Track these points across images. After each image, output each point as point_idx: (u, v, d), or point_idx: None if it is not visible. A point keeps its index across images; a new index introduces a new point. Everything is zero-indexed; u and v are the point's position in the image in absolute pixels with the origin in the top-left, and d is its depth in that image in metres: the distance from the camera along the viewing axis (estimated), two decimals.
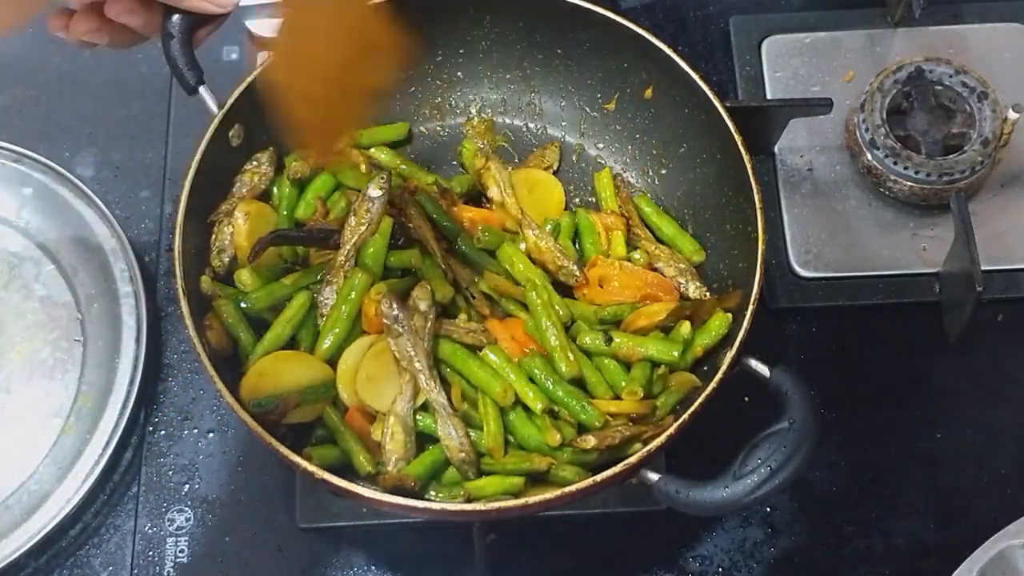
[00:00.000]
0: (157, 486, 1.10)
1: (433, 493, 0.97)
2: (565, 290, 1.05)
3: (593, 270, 1.06)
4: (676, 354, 0.98)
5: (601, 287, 1.05)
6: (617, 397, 0.99)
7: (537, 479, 0.97)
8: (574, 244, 1.09)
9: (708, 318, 1.00)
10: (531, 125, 1.17)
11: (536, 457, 0.96)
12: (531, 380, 0.98)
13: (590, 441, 0.94)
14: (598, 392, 0.99)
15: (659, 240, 1.10)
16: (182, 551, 1.07)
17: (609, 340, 1.00)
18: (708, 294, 1.05)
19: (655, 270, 1.07)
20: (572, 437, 0.96)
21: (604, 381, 0.99)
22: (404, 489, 0.94)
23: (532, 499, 0.89)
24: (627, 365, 1.00)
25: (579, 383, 0.99)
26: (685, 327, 1.00)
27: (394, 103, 1.16)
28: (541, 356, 0.99)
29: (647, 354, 0.99)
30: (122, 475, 1.10)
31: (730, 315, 0.99)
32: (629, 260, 1.07)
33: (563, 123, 1.17)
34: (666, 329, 1.02)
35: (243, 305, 1.00)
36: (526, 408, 0.97)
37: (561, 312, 1.02)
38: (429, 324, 0.98)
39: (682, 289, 1.05)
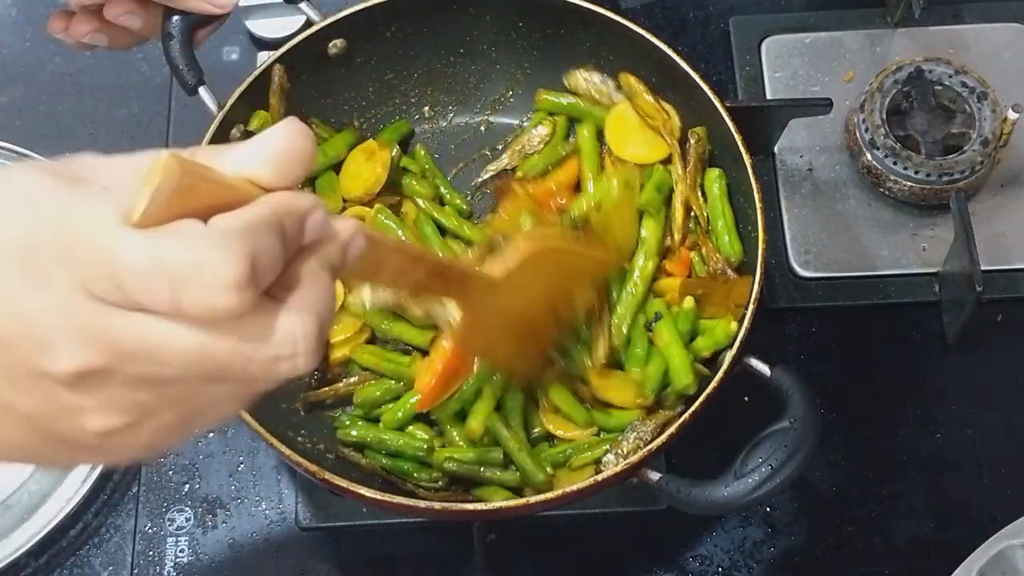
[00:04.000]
0: (157, 486, 1.10)
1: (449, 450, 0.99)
2: None
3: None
4: (691, 381, 0.96)
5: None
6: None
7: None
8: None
9: (715, 304, 0.98)
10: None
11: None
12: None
13: (611, 462, 0.93)
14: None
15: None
16: (182, 551, 1.07)
17: (658, 317, 0.99)
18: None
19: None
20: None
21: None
22: (405, 490, 0.94)
23: (532, 499, 0.89)
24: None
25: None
26: (688, 302, 0.99)
27: (394, 104, 1.16)
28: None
29: (666, 353, 0.98)
30: (122, 475, 1.10)
31: (735, 324, 0.96)
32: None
33: None
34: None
35: None
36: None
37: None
38: None
39: None
